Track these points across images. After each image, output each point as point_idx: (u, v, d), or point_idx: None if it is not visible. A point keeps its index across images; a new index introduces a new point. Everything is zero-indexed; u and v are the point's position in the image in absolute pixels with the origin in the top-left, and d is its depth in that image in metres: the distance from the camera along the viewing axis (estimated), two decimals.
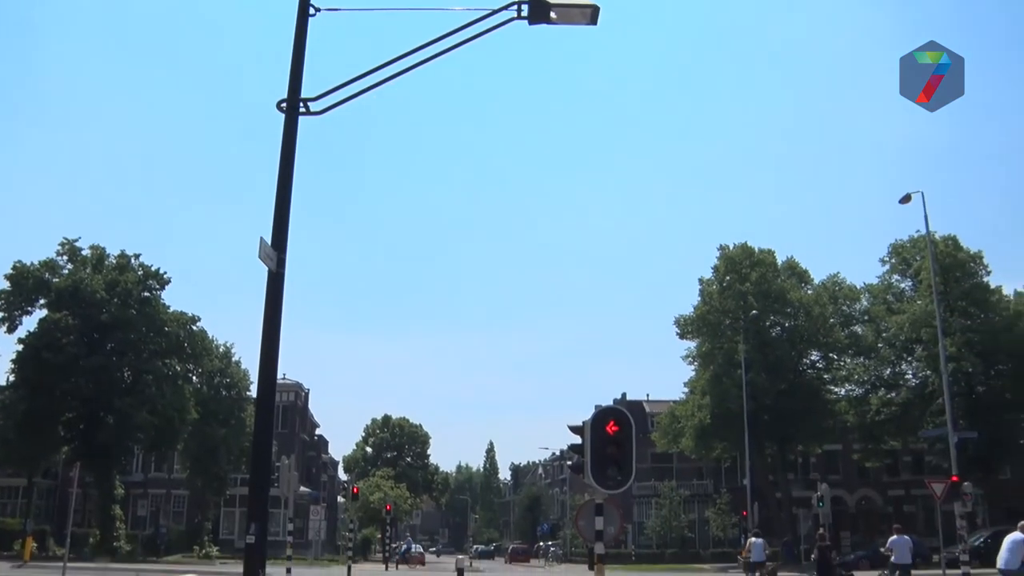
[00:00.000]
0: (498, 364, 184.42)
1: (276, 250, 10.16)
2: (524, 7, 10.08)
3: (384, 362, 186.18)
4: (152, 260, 47.95)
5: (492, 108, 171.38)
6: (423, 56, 10.62)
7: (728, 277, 51.74)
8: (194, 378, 51.76)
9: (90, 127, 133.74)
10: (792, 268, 53.30)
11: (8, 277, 44.63)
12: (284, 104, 10.57)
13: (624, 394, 68.08)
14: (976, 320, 46.38)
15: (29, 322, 44.88)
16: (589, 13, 10.12)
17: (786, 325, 51.92)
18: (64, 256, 46.40)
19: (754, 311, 50.19)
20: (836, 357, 52.92)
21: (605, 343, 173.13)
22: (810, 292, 52.44)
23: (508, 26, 10.29)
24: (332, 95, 10.67)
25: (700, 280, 53.28)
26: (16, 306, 44.57)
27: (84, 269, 46.19)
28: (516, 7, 10.12)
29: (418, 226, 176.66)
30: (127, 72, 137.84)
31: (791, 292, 51.06)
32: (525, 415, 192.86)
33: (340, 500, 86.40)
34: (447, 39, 10.50)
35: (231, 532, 58.13)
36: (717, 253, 53.07)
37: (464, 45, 10.55)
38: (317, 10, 10.65)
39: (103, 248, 47.51)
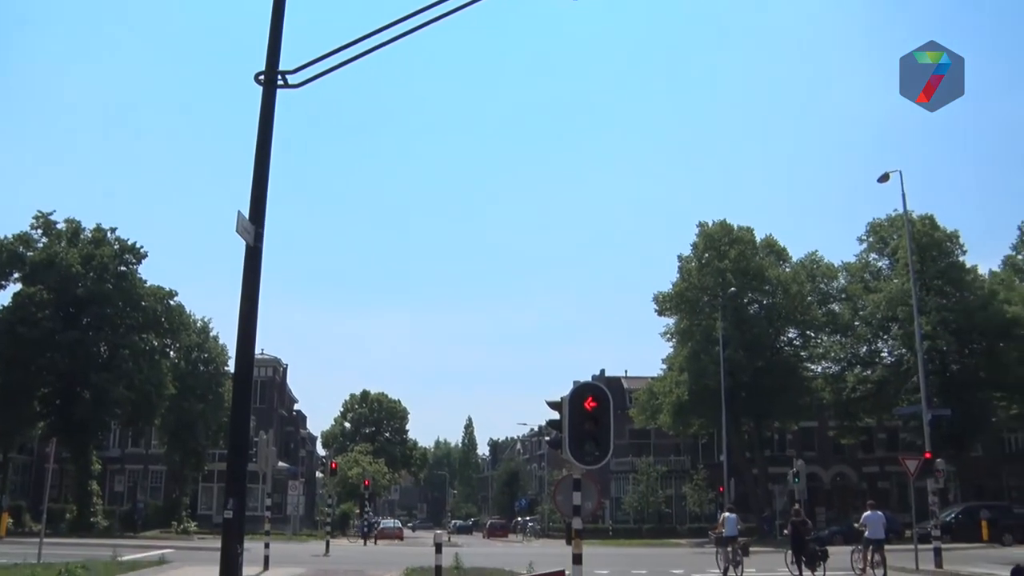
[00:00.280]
0: (477, 340, 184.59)
1: (254, 224, 10.11)
2: None
3: (363, 338, 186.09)
4: (128, 234, 47.53)
5: (471, 82, 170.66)
6: (403, 29, 10.56)
7: (707, 254, 51.84)
8: (171, 353, 51.49)
9: (63, 98, 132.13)
10: (771, 246, 53.49)
11: None
12: (262, 77, 10.48)
13: (603, 370, 68.30)
14: (951, 299, 46.81)
15: (3, 296, 44.65)
16: None
17: (764, 302, 52.17)
18: (39, 230, 45.98)
19: (732, 288, 50.39)
20: (813, 335, 53.29)
21: (584, 319, 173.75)
22: (788, 270, 52.65)
23: None
24: (311, 68, 10.60)
25: (679, 257, 53.47)
26: None
27: (59, 243, 45.77)
28: None
29: (397, 200, 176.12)
30: (102, 43, 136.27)
31: (769, 270, 51.28)
32: (504, 391, 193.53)
33: (318, 475, 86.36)
34: (428, 11, 10.44)
35: (209, 507, 58.13)
36: (696, 230, 53.18)
37: (446, 18, 10.50)
38: None
39: (78, 222, 47.15)
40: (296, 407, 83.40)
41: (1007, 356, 45.22)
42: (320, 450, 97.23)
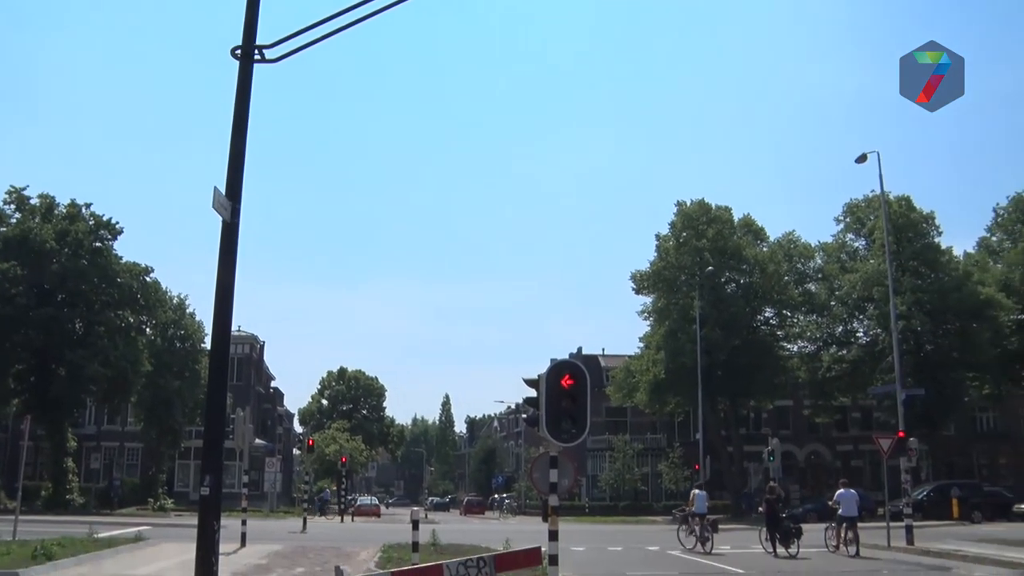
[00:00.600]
0: (455, 318, 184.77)
1: (230, 200, 10.03)
2: None
3: (340, 315, 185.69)
4: (104, 210, 46.98)
5: (448, 57, 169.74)
6: (380, 4, 10.47)
7: (685, 233, 51.94)
8: (147, 330, 51.06)
9: (35, 71, 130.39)
10: (748, 225, 53.65)
11: None
12: (239, 51, 10.37)
13: (580, 348, 68.51)
14: (926, 280, 47.21)
15: None
16: None
17: (741, 282, 52.39)
18: (11, 205, 45.41)
19: (710, 267, 50.56)
20: (789, 314, 53.59)
21: (562, 297, 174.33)
22: (765, 249, 52.83)
23: None
24: (288, 42, 10.48)
25: (657, 236, 53.51)
26: None
27: (33, 218, 45.18)
28: None
29: (374, 176, 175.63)
30: (75, 15, 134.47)
31: (747, 249, 51.46)
32: (481, 369, 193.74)
33: (296, 452, 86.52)
34: None
35: (186, 485, 58.01)
36: (674, 209, 53.24)
37: None
38: None
39: (52, 197, 46.50)
40: (273, 384, 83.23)
41: (980, 337, 45.69)
42: (297, 427, 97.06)
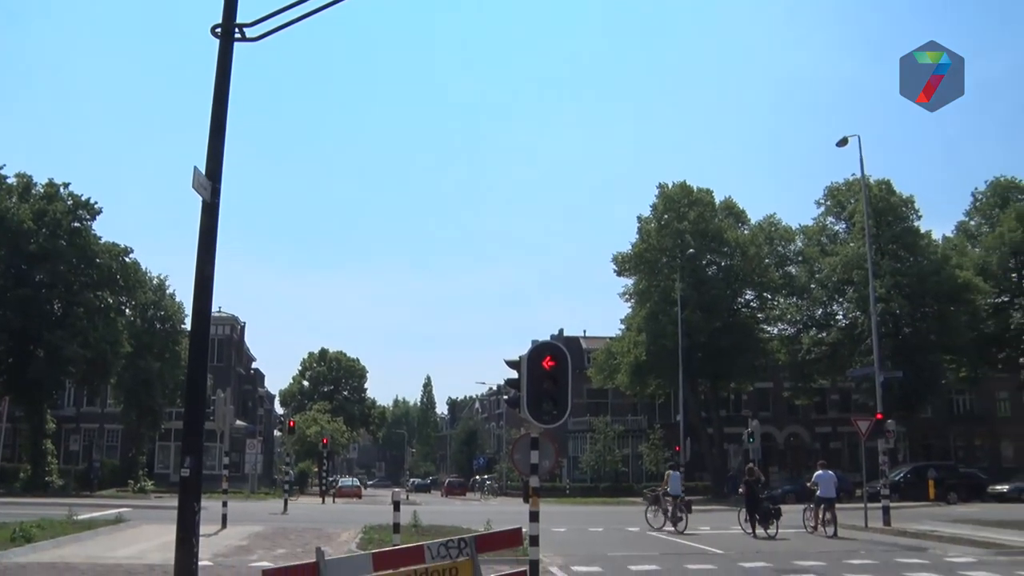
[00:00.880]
0: (436, 299, 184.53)
1: (210, 180, 9.95)
2: None
3: (321, 296, 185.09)
4: (82, 189, 46.61)
5: (432, 41, 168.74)
6: None
7: (666, 215, 52.01)
8: (127, 311, 50.82)
9: (13, 49, 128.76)
10: (729, 208, 53.78)
11: None
12: (219, 29, 10.25)
13: (561, 330, 68.64)
14: (905, 263, 47.55)
15: None
16: None
17: (722, 264, 52.52)
18: None
19: (691, 249, 50.69)
20: (770, 297, 53.88)
21: (544, 279, 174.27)
22: (746, 232, 53.01)
23: None
24: (269, 21, 10.37)
25: (638, 218, 53.65)
26: None
27: (10, 198, 44.71)
28: None
29: (358, 159, 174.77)
30: None
31: (728, 231, 51.57)
32: (463, 350, 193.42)
33: (277, 434, 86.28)
34: None
35: (166, 466, 57.78)
36: (656, 192, 53.30)
37: None
38: None
39: (30, 176, 46.08)
40: (254, 365, 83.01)
41: (957, 320, 46.16)
42: (278, 408, 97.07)
